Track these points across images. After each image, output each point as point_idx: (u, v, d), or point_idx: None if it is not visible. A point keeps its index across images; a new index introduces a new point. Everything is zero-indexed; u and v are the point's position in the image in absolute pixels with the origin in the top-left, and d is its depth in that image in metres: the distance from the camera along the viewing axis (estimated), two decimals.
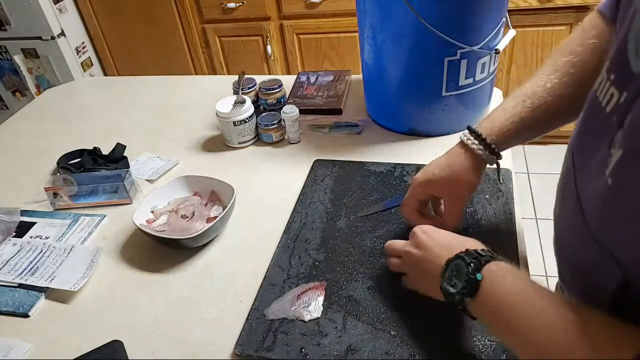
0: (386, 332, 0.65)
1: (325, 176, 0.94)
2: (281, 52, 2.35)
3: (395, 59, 0.96)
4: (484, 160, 0.70)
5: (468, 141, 0.69)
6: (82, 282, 0.78)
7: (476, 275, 0.52)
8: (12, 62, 2.43)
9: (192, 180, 0.92)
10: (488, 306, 0.52)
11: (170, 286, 0.78)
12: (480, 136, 0.68)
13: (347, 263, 0.76)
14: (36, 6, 2.22)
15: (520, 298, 0.50)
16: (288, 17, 2.23)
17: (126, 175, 0.96)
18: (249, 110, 1.05)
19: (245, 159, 1.06)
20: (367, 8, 0.95)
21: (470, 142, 0.69)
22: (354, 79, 1.28)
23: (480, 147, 0.68)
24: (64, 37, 2.36)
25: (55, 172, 1.07)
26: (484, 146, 0.68)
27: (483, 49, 0.92)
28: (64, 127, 1.27)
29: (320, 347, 0.64)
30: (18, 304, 0.77)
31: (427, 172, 0.72)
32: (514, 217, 0.80)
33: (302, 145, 1.07)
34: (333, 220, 0.84)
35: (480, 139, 0.68)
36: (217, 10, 2.27)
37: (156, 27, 2.40)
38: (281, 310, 0.69)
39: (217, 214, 0.85)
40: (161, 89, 1.39)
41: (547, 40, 2.05)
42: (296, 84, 1.27)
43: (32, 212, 0.96)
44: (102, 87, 1.51)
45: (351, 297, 0.70)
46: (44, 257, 0.84)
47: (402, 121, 1.05)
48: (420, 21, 0.86)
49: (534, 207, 2.14)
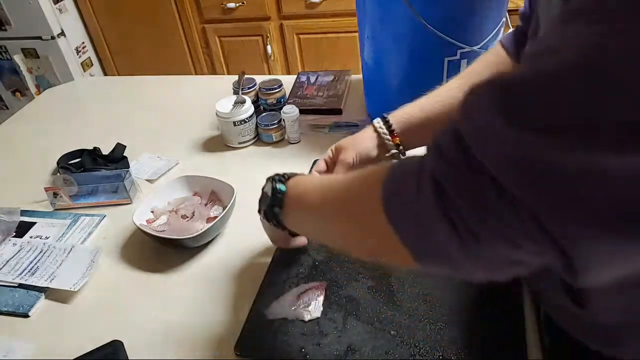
0: (386, 332, 0.65)
1: None
2: (281, 52, 2.35)
3: (395, 59, 0.96)
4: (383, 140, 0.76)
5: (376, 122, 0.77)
6: (82, 282, 0.78)
7: (280, 187, 0.59)
8: (12, 62, 2.43)
9: (192, 180, 0.92)
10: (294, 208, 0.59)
11: (170, 286, 0.78)
12: (385, 118, 0.77)
13: (347, 263, 0.76)
14: (36, 6, 2.21)
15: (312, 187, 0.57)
16: (288, 17, 2.23)
17: (126, 175, 0.96)
18: (249, 110, 1.05)
19: (245, 159, 1.06)
20: (367, 8, 0.95)
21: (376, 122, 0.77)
22: (354, 79, 1.28)
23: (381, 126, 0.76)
24: (64, 37, 2.36)
25: (55, 172, 1.07)
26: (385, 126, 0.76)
27: (483, 49, 0.92)
28: (64, 127, 1.27)
29: (320, 347, 0.64)
30: (18, 304, 0.77)
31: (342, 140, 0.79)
32: None
33: (302, 145, 1.07)
34: None
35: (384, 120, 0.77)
36: (217, 10, 2.27)
37: (156, 27, 2.40)
38: (281, 310, 0.69)
39: (217, 214, 0.85)
40: (161, 89, 1.39)
41: None
42: (296, 84, 1.27)
43: (32, 212, 0.96)
44: (102, 87, 1.51)
45: (351, 297, 0.70)
46: (44, 257, 0.84)
47: None
48: (420, 21, 0.86)
49: None
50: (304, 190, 0.58)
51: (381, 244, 0.45)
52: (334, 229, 0.54)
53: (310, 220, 0.58)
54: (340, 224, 0.52)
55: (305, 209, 0.58)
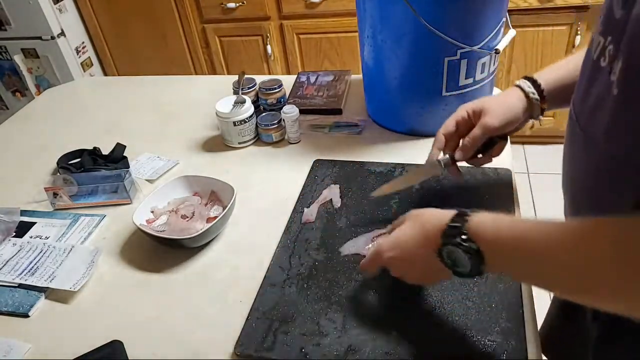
0: (386, 332, 0.65)
1: (325, 176, 0.94)
2: (281, 52, 2.35)
3: (395, 59, 0.96)
4: (532, 105, 0.74)
5: (523, 84, 0.74)
6: (82, 282, 0.78)
7: (471, 245, 0.52)
8: (12, 62, 2.43)
9: (192, 180, 0.92)
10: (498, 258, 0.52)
11: (170, 286, 0.78)
12: (536, 82, 0.73)
13: (347, 263, 0.76)
14: (36, 6, 2.21)
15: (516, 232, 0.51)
16: (288, 17, 2.23)
17: (126, 175, 0.96)
18: (249, 110, 1.05)
19: (245, 159, 1.06)
20: (367, 8, 0.95)
21: (525, 85, 0.74)
22: (354, 79, 1.28)
23: (533, 91, 0.73)
24: (64, 37, 2.36)
25: (55, 172, 1.07)
26: (537, 91, 0.73)
27: (483, 49, 0.92)
28: (64, 127, 1.27)
29: (320, 347, 0.64)
30: (18, 304, 0.77)
31: (479, 100, 0.76)
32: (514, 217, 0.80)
33: (302, 145, 1.07)
34: (333, 220, 0.84)
35: (534, 84, 0.73)
36: (217, 10, 2.27)
37: (156, 27, 2.40)
38: (355, 247, 0.75)
39: (217, 214, 0.85)
40: (161, 89, 1.39)
41: (547, 40, 2.05)
42: (296, 84, 1.27)
43: (32, 212, 0.96)
44: (102, 87, 1.51)
45: (351, 297, 0.70)
46: (44, 257, 0.84)
47: (402, 121, 1.05)
48: (420, 21, 0.86)
49: (534, 207, 2.14)
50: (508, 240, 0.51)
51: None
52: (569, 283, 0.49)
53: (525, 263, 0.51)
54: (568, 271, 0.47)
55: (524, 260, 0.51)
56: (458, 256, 0.54)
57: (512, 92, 0.75)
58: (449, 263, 0.56)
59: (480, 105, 0.74)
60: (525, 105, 0.73)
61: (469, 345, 0.62)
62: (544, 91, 0.73)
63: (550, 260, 0.48)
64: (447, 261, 0.56)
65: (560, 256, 0.47)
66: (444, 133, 0.76)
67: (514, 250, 0.51)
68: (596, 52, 0.54)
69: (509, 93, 0.75)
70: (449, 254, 0.55)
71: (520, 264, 0.52)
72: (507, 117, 0.73)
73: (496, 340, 0.62)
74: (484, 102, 0.74)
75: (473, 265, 0.53)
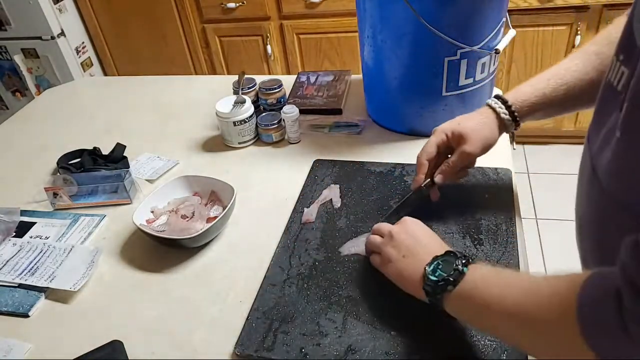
0: (386, 332, 0.65)
1: (325, 176, 0.94)
2: (281, 52, 2.35)
3: (395, 59, 0.96)
4: (505, 125, 0.77)
5: (495, 105, 0.77)
6: (82, 282, 0.78)
7: (463, 269, 0.57)
8: (12, 62, 2.43)
9: (192, 180, 0.92)
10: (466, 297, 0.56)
11: (170, 286, 0.78)
12: (507, 102, 0.76)
13: (347, 263, 0.76)
14: (36, 6, 2.21)
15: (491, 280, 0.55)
16: (288, 17, 2.23)
17: (126, 175, 0.96)
18: (249, 110, 1.05)
19: (245, 159, 1.06)
20: (367, 8, 0.95)
21: (497, 106, 0.76)
22: (354, 79, 1.28)
23: (504, 112, 0.76)
24: (64, 37, 2.36)
25: (55, 172, 1.07)
26: (508, 112, 0.76)
27: (483, 49, 0.92)
28: (64, 127, 1.27)
29: (320, 347, 0.64)
30: (18, 304, 0.77)
31: (454, 122, 0.78)
32: (514, 217, 0.80)
33: (302, 145, 1.07)
34: (333, 220, 0.84)
35: (506, 105, 0.76)
36: (217, 10, 2.27)
37: (156, 27, 2.40)
38: (355, 247, 0.76)
39: (217, 214, 0.85)
40: (161, 89, 1.39)
41: (547, 40, 2.05)
42: (296, 84, 1.27)
43: (32, 212, 0.96)
44: (102, 87, 1.51)
45: (351, 297, 0.70)
46: (44, 257, 0.84)
47: (402, 121, 1.05)
48: (420, 21, 0.86)
49: (534, 207, 2.14)
50: (482, 280, 0.55)
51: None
52: (512, 334, 0.52)
53: (481, 317, 0.55)
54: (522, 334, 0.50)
55: (480, 306, 0.54)
56: (448, 264, 0.59)
57: (486, 113, 0.77)
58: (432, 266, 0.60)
59: (459, 130, 0.76)
60: (498, 125, 0.77)
61: (469, 345, 0.62)
62: (515, 112, 0.76)
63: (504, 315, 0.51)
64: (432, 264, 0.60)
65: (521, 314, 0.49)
66: (427, 159, 0.78)
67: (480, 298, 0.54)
68: (613, 75, 0.51)
69: (483, 114, 0.77)
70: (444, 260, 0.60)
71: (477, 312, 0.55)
72: (484, 143, 0.76)
73: (496, 340, 0.62)
74: (463, 126, 0.76)
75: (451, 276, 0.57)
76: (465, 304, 0.56)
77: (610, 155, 0.49)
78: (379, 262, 0.69)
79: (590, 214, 0.58)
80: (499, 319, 0.52)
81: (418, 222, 0.70)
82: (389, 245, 0.68)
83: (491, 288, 0.53)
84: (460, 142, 0.76)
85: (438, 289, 0.58)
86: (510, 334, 0.52)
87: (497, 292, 0.52)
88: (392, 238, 0.68)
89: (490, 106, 0.77)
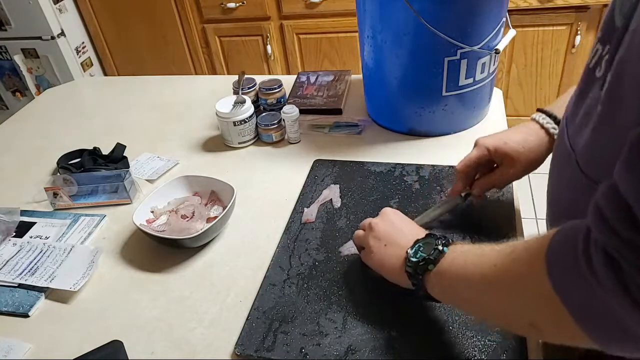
0: (386, 332, 0.65)
1: (325, 176, 0.94)
2: (281, 52, 2.35)
3: (395, 59, 0.96)
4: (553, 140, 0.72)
5: (548, 125, 0.72)
6: (82, 282, 0.78)
7: (443, 248, 0.58)
8: (12, 62, 2.43)
9: (192, 180, 0.92)
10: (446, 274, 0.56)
11: (170, 286, 0.78)
12: (558, 120, 0.71)
13: (347, 263, 0.76)
14: (36, 6, 2.21)
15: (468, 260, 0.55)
16: (288, 17, 2.23)
17: (126, 175, 0.96)
18: (249, 110, 1.05)
19: (245, 159, 1.06)
20: (367, 8, 0.95)
21: (550, 127, 0.72)
22: (354, 79, 1.28)
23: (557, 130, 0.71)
24: (64, 37, 2.36)
25: (55, 172, 1.07)
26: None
27: (483, 49, 0.92)
28: (64, 127, 1.27)
29: (320, 347, 0.64)
30: (18, 304, 0.77)
31: (500, 139, 0.73)
32: (514, 217, 0.80)
33: (302, 145, 1.07)
34: (333, 220, 0.84)
35: (555, 121, 0.72)
36: (217, 10, 2.27)
37: (156, 26, 2.40)
38: (355, 247, 0.75)
39: (217, 214, 0.85)
40: (161, 89, 1.39)
41: (547, 40, 2.05)
42: (296, 84, 1.27)
43: (32, 212, 0.96)
44: (102, 87, 1.51)
45: (351, 297, 0.70)
46: (44, 257, 0.84)
47: (402, 121, 1.05)
48: (420, 21, 0.86)
49: (534, 207, 2.14)
50: (460, 254, 0.56)
51: (546, 320, 0.44)
52: (489, 300, 0.52)
53: (460, 289, 0.55)
54: (497, 296, 0.50)
55: (458, 276, 0.55)
56: (428, 245, 0.60)
57: (535, 131, 0.73)
58: (413, 248, 0.61)
59: (504, 150, 0.72)
60: (548, 147, 0.72)
61: (469, 346, 0.62)
62: None
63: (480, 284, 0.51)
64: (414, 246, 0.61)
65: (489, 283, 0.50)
66: (466, 170, 0.76)
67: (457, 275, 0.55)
68: (593, 60, 0.52)
69: (532, 133, 0.72)
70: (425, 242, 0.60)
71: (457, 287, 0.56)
72: (530, 167, 0.73)
73: (496, 340, 0.62)
74: (509, 147, 0.72)
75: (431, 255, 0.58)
76: (444, 279, 0.57)
77: (589, 132, 0.50)
78: (363, 255, 0.70)
79: (565, 192, 0.58)
80: (476, 287, 0.52)
81: (397, 211, 0.70)
82: (369, 236, 0.68)
83: (468, 258, 0.54)
84: (504, 162, 0.73)
85: (419, 269, 0.58)
86: (486, 301, 0.52)
87: (474, 260, 0.53)
88: (372, 229, 0.68)
89: (541, 124, 0.73)
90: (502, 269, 0.48)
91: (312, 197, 0.90)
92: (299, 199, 0.90)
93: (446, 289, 0.58)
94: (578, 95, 0.56)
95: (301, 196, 0.91)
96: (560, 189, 0.59)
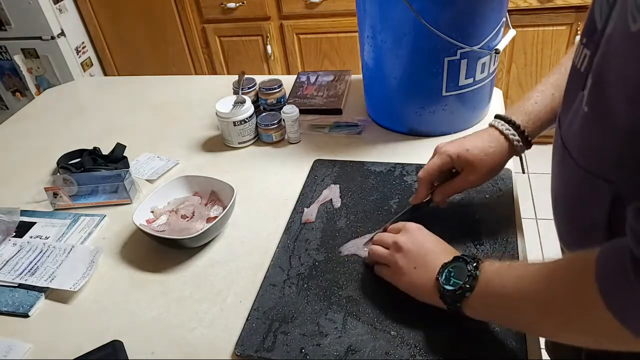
0: (386, 332, 0.65)
1: (325, 176, 0.94)
2: (281, 52, 2.35)
3: (395, 59, 0.96)
4: (516, 152, 0.74)
5: (507, 132, 0.72)
6: (82, 282, 0.78)
7: (476, 272, 0.57)
8: (12, 62, 2.43)
9: (192, 180, 0.92)
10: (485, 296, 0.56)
11: (170, 286, 0.78)
12: (519, 128, 0.72)
13: (347, 263, 0.76)
14: (36, 6, 2.21)
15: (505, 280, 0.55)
16: (288, 17, 2.23)
17: (126, 175, 0.96)
18: (249, 110, 1.05)
19: (245, 159, 1.06)
20: (367, 8, 0.95)
21: (509, 134, 0.72)
22: (354, 79, 1.28)
23: (517, 139, 0.72)
24: (64, 37, 2.36)
25: (55, 172, 1.07)
26: (522, 138, 0.72)
27: (483, 49, 0.92)
28: (64, 127, 1.27)
29: (320, 347, 0.64)
30: (18, 304, 0.77)
31: (461, 146, 0.73)
32: (514, 217, 0.80)
33: (302, 145, 1.07)
34: (333, 220, 0.84)
35: (518, 131, 0.72)
36: (217, 10, 2.27)
37: (156, 26, 2.40)
38: (355, 247, 0.77)
39: (217, 214, 0.85)
40: (161, 89, 1.39)
41: (547, 40, 2.05)
42: (296, 84, 1.27)
43: (32, 212, 0.96)
44: (102, 87, 1.51)
45: (351, 297, 0.70)
46: (44, 257, 0.84)
47: (402, 121, 1.05)
48: (420, 21, 0.86)
49: (534, 207, 2.14)
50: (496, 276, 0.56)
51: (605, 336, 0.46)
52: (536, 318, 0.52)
53: (504, 310, 0.56)
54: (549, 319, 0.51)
55: (499, 299, 0.55)
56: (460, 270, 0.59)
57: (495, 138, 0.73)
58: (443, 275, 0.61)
59: (466, 156, 0.72)
60: (508, 152, 0.73)
61: (469, 345, 0.62)
62: (528, 135, 0.73)
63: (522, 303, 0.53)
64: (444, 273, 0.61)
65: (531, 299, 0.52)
66: (429, 179, 0.76)
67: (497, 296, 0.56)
68: (578, 59, 0.54)
69: (493, 141, 0.73)
70: (454, 266, 0.60)
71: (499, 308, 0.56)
72: (491, 174, 0.74)
73: (496, 340, 0.62)
74: (470, 154, 0.72)
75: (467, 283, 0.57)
76: (484, 303, 0.57)
77: (578, 128, 0.52)
78: (389, 274, 0.68)
79: (565, 188, 0.59)
80: (520, 307, 0.53)
81: (422, 228, 0.69)
82: (397, 256, 0.66)
83: (506, 280, 0.55)
84: (465, 169, 0.73)
85: (457, 297, 0.58)
86: (534, 319, 0.53)
87: (513, 282, 0.53)
88: (401, 249, 0.66)
89: (500, 130, 0.73)
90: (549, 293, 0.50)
91: (312, 197, 0.90)
92: (299, 199, 0.90)
93: (486, 312, 0.58)
94: (567, 93, 0.58)
95: (301, 196, 0.91)
96: (561, 184, 0.59)
